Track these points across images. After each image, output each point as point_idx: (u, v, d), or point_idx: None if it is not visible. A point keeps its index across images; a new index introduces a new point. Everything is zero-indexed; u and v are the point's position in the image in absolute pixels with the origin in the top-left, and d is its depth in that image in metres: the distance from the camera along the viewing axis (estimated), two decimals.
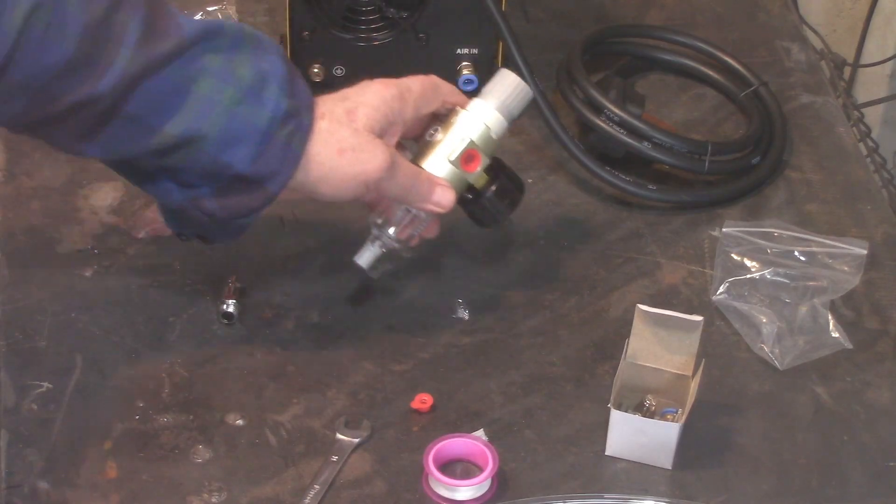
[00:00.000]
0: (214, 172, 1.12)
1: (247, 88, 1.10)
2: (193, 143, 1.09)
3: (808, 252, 1.28)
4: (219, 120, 1.09)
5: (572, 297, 1.28)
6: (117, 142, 1.09)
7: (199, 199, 1.13)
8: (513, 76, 1.24)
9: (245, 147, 1.10)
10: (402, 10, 1.41)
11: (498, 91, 1.23)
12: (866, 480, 1.14)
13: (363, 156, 1.14)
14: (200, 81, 1.08)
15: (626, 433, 1.13)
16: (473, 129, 1.21)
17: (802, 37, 1.63)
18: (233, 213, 1.14)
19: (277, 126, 1.10)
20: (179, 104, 1.08)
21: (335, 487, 1.11)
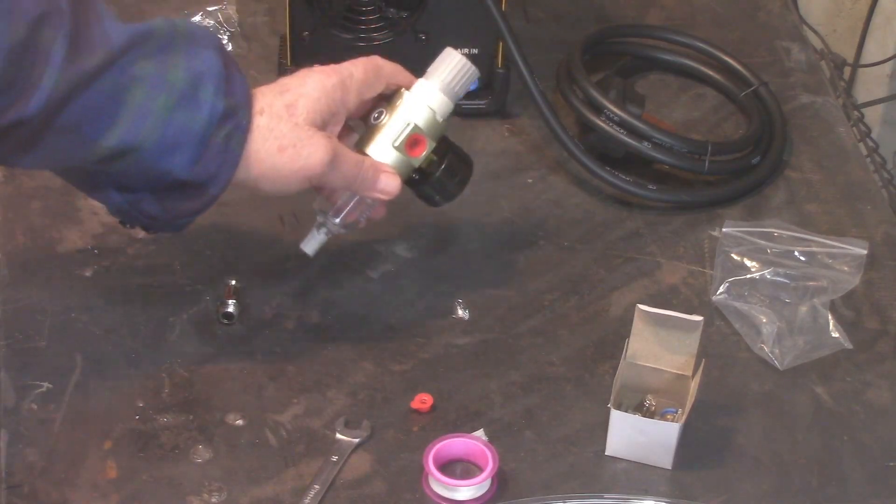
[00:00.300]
0: (154, 179, 1.11)
1: (181, 93, 1.08)
2: (130, 153, 1.08)
3: (808, 252, 1.28)
4: (155, 128, 1.08)
5: (572, 297, 1.28)
6: (54, 154, 1.08)
7: (141, 203, 1.13)
8: (457, 55, 1.22)
9: (183, 153, 1.09)
10: (402, 10, 1.41)
11: (441, 71, 1.22)
12: (866, 480, 1.14)
13: (304, 151, 1.13)
14: (133, 90, 1.06)
15: (626, 433, 1.13)
16: (418, 114, 1.20)
17: (802, 37, 1.63)
18: (175, 215, 1.14)
19: (214, 128, 1.09)
20: (113, 115, 1.06)
21: (335, 487, 1.11)
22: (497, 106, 1.46)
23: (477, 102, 1.46)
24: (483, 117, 1.47)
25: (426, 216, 1.34)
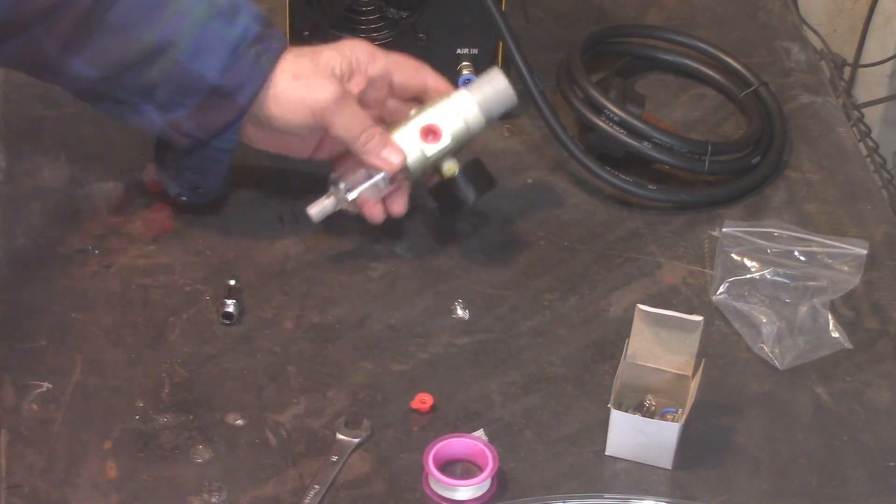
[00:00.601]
0: (188, 85, 1.21)
1: (220, 8, 1.21)
2: (167, 51, 1.20)
3: (808, 252, 1.28)
4: (192, 30, 1.20)
5: (572, 297, 1.28)
6: (99, 53, 1.19)
7: (178, 121, 1.23)
8: (502, 79, 1.27)
9: (215, 57, 1.20)
10: (402, 10, 1.41)
11: (485, 89, 1.26)
12: (866, 480, 1.14)
13: (314, 84, 1.22)
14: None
15: (626, 433, 1.13)
16: (445, 112, 1.25)
17: (802, 37, 1.63)
18: (209, 130, 1.23)
19: (248, 44, 1.21)
20: (156, 16, 1.19)
21: (335, 487, 1.11)
22: None
23: None
24: None
25: (426, 217, 1.34)
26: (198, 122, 1.22)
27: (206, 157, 1.26)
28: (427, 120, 1.25)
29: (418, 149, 1.24)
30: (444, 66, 1.43)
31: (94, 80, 1.21)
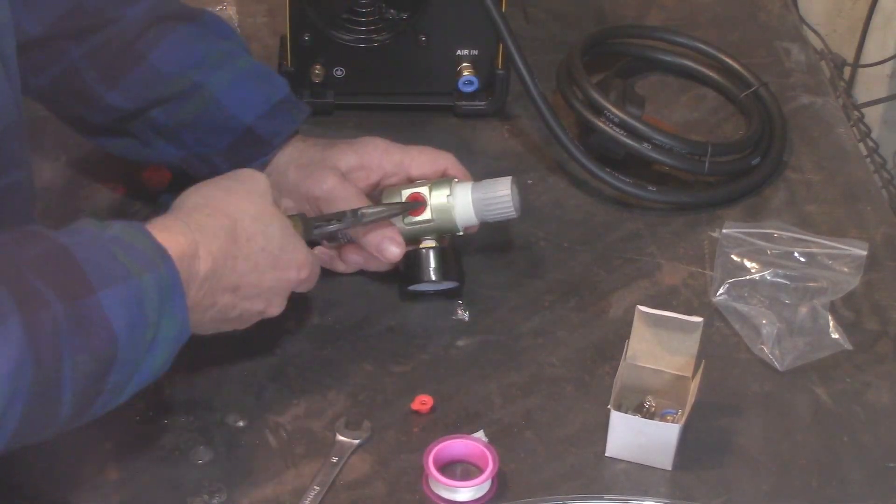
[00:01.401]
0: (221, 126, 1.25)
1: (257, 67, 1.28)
2: (204, 89, 1.23)
3: (807, 253, 1.28)
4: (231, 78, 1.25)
5: (572, 298, 1.28)
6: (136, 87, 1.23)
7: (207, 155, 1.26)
8: (506, 189, 1.24)
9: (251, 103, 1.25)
10: (402, 11, 1.41)
11: (487, 188, 1.24)
12: (866, 480, 1.14)
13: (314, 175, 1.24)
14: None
15: (626, 434, 1.13)
16: (439, 191, 1.23)
17: (802, 37, 1.63)
18: (237, 164, 1.22)
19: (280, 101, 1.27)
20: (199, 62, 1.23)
21: (335, 488, 1.11)
22: (497, 107, 1.47)
23: (477, 103, 1.46)
24: (483, 118, 1.47)
25: None
26: (227, 157, 1.25)
27: None
28: (418, 189, 1.24)
29: (400, 218, 1.24)
30: (444, 66, 1.44)
31: (126, 113, 1.24)
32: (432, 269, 1.25)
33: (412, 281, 1.25)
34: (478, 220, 1.25)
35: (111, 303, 0.97)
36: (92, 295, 0.96)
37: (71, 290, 0.96)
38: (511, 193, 1.23)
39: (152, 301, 0.99)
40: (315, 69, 1.43)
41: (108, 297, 0.97)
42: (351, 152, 1.26)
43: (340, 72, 1.44)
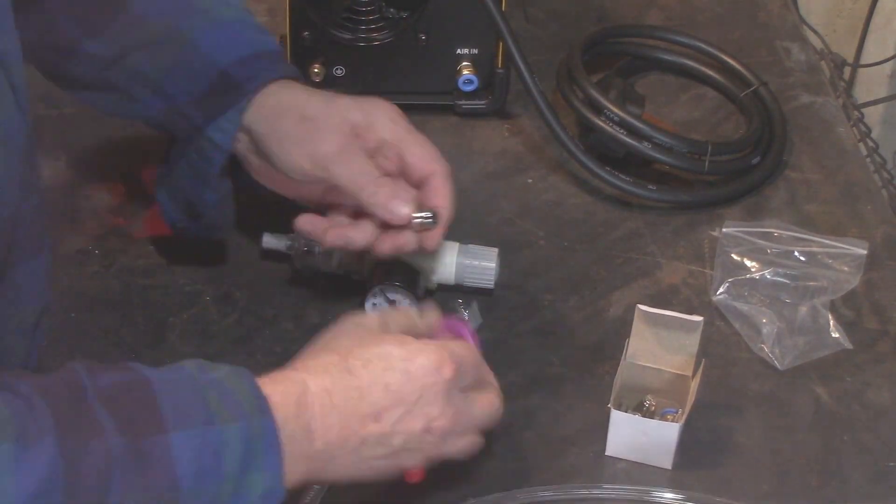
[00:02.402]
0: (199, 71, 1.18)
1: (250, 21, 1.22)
2: (184, 35, 1.18)
3: (808, 252, 1.28)
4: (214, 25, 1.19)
5: (572, 297, 1.28)
6: (117, 34, 1.18)
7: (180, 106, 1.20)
8: (493, 263, 1.25)
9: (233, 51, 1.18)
10: (402, 11, 1.41)
11: (473, 257, 1.25)
12: (866, 480, 1.14)
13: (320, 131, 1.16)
14: None
15: (626, 433, 1.13)
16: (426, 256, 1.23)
17: (802, 37, 1.63)
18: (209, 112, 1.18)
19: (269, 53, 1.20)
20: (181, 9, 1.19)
21: (335, 487, 1.11)
22: (497, 106, 1.46)
23: (477, 102, 1.46)
24: (483, 117, 1.47)
25: None
26: (199, 105, 1.18)
27: (200, 153, 1.20)
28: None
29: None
30: (444, 66, 1.44)
31: (107, 61, 1.19)
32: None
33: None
34: (454, 281, 1.26)
35: (182, 445, 0.90)
36: (161, 434, 0.90)
37: (138, 425, 0.89)
38: (496, 267, 1.25)
39: (234, 452, 0.91)
40: (315, 68, 1.43)
41: (180, 439, 0.90)
42: (357, 110, 1.18)
43: (340, 71, 1.44)
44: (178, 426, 0.90)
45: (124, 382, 0.91)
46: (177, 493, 0.90)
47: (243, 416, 0.93)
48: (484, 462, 1.13)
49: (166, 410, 0.91)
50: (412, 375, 1.00)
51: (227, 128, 1.18)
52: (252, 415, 0.93)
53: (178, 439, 0.90)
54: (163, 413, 0.90)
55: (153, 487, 0.89)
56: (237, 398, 0.93)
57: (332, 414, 0.97)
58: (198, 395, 0.92)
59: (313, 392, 0.97)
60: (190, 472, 0.90)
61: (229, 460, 0.91)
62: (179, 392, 0.92)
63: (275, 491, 0.94)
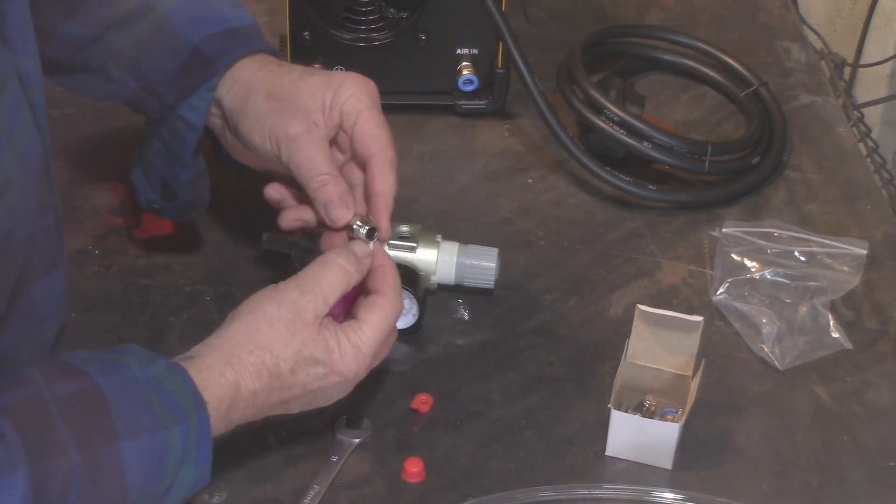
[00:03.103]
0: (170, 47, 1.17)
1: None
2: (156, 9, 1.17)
3: (808, 252, 1.28)
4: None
5: (572, 298, 1.28)
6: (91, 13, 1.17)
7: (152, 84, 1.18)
8: (493, 263, 1.25)
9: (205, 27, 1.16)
10: (402, 10, 1.41)
11: (473, 257, 1.25)
12: (866, 480, 1.14)
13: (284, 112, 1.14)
14: None
15: (627, 433, 1.13)
16: (426, 242, 1.24)
17: (802, 37, 1.63)
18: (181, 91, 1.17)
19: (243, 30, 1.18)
20: None
21: (335, 487, 1.11)
22: (497, 106, 1.46)
23: (477, 102, 1.46)
24: (483, 117, 1.47)
25: (426, 216, 1.34)
26: (171, 83, 1.17)
27: (173, 132, 1.18)
28: (404, 229, 1.24)
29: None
30: (444, 66, 1.44)
31: (83, 42, 1.18)
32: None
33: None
34: (454, 281, 1.26)
35: (132, 455, 0.94)
36: (114, 444, 0.93)
37: (93, 436, 0.93)
38: (496, 267, 1.25)
39: (175, 454, 0.97)
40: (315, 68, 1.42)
41: (130, 449, 0.94)
42: (327, 87, 1.15)
43: (341, 70, 1.43)
44: (128, 435, 0.94)
45: (80, 392, 0.94)
46: (125, 500, 0.94)
47: (183, 417, 0.97)
48: (484, 462, 1.13)
49: (118, 419, 0.94)
50: (328, 381, 1.06)
51: (199, 106, 1.17)
52: (190, 415, 0.98)
53: (128, 449, 0.94)
54: (115, 422, 0.94)
55: (105, 497, 0.93)
56: (176, 398, 0.98)
57: (252, 408, 1.03)
58: (143, 399, 0.96)
59: (243, 396, 1.02)
60: (138, 479, 0.94)
61: (171, 462, 0.96)
62: (127, 398, 0.96)
63: (203, 478, 0.99)
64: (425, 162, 1.42)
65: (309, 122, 1.14)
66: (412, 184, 1.39)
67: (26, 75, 0.97)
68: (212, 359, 1.02)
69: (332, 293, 1.07)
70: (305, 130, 1.13)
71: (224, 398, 1.01)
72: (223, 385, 1.01)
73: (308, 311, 1.05)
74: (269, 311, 1.05)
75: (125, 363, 0.98)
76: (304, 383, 1.05)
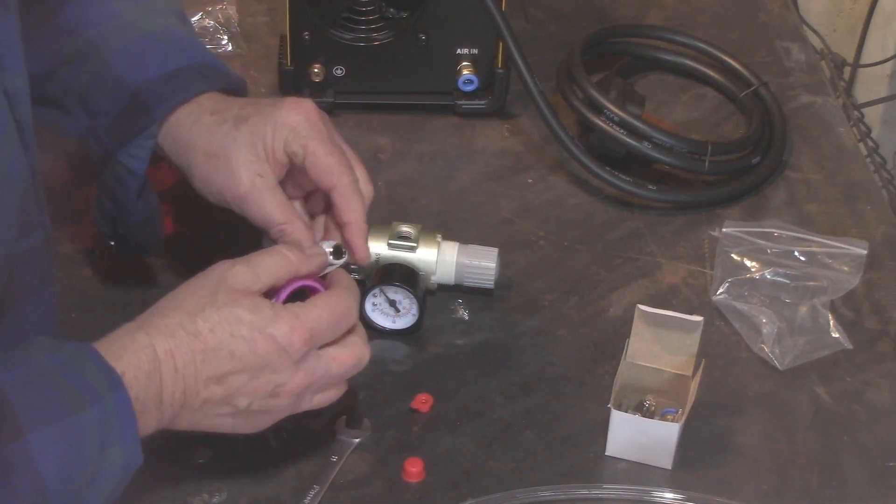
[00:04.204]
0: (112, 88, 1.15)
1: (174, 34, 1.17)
2: (100, 51, 1.15)
3: (808, 252, 1.28)
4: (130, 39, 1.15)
5: (572, 297, 1.28)
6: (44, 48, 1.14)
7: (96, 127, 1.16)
8: (493, 262, 1.25)
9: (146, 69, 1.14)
10: (402, 10, 1.41)
11: (473, 257, 1.25)
12: (866, 480, 1.14)
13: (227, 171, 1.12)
14: None
15: (627, 433, 1.13)
16: (427, 242, 1.24)
17: (802, 37, 1.63)
18: (119, 139, 1.15)
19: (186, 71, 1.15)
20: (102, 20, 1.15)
21: (335, 487, 1.11)
22: (497, 106, 1.46)
23: (477, 102, 1.46)
24: (483, 117, 1.47)
25: (426, 216, 1.34)
26: (112, 129, 1.15)
27: (116, 177, 1.17)
28: (404, 230, 1.24)
29: (380, 249, 1.23)
30: (444, 66, 1.44)
31: (36, 76, 1.13)
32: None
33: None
34: (454, 281, 1.25)
35: (42, 446, 0.90)
36: (20, 439, 0.90)
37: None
38: (496, 267, 1.25)
39: (93, 438, 0.93)
40: (315, 68, 1.43)
41: (39, 441, 0.90)
42: (267, 126, 1.11)
43: (340, 71, 1.44)
44: (35, 427, 0.91)
45: None
46: (44, 493, 0.91)
47: (96, 398, 0.93)
48: (484, 462, 1.13)
49: (22, 412, 0.91)
50: (258, 346, 1.00)
51: (139, 154, 1.15)
52: (104, 394, 0.94)
53: (37, 441, 0.91)
54: (19, 416, 0.91)
55: (21, 493, 0.90)
56: (87, 379, 0.94)
57: (177, 379, 0.98)
58: (49, 388, 0.93)
59: (160, 358, 0.98)
60: (54, 469, 0.91)
61: (89, 448, 0.93)
62: (31, 389, 0.93)
63: (133, 460, 0.96)
64: (425, 162, 1.42)
65: (252, 175, 1.11)
66: (412, 184, 1.39)
67: (14, 94, 0.97)
68: (124, 329, 0.99)
69: (267, 272, 1.03)
70: (251, 188, 1.11)
71: (140, 364, 0.96)
72: (136, 350, 0.97)
73: (236, 279, 1.02)
74: (194, 280, 1.03)
75: (28, 355, 0.95)
76: (230, 348, 0.99)
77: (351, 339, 1.06)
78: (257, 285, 1.02)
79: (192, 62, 1.16)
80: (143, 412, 0.97)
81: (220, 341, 1.00)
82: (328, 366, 1.04)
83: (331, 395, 1.06)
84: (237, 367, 1.00)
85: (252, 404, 1.02)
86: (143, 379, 0.97)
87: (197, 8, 1.54)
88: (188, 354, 0.99)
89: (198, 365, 0.99)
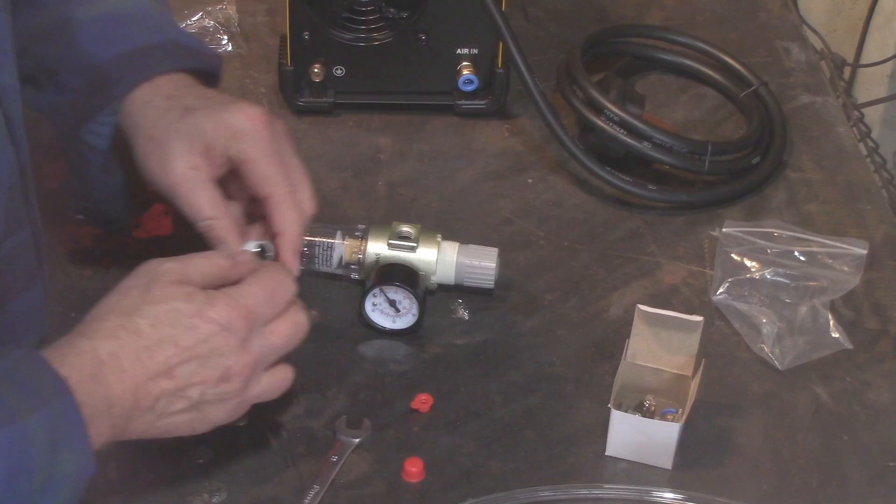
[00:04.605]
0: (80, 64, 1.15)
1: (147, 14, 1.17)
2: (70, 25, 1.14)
3: (808, 252, 1.28)
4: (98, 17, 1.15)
5: (572, 298, 1.28)
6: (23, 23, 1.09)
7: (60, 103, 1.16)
8: (493, 262, 1.24)
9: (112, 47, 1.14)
10: (402, 10, 1.41)
11: (473, 257, 1.25)
12: (866, 480, 1.14)
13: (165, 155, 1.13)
14: None
15: (627, 433, 1.13)
16: (427, 242, 1.24)
17: (802, 37, 1.63)
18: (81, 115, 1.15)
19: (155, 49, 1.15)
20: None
21: (335, 487, 1.11)
22: (497, 106, 1.46)
23: (477, 102, 1.46)
24: (483, 117, 1.47)
25: (426, 216, 1.34)
26: (75, 105, 1.15)
27: (78, 153, 1.17)
28: (404, 230, 1.24)
29: (380, 249, 1.23)
30: (444, 66, 1.44)
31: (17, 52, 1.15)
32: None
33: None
34: (454, 281, 1.25)
35: None
36: None
37: None
38: (496, 267, 1.25)
39: (41, 444, 0.91)
40: (315, 68, 1.43)
41: None
42: (212, 123, 1.12)
43: (340, 71, 1.44)
44: None
45: None
46: None
47: (42, 403, 0.92)
48: (484, 462, 1.13)
49: None
50: (200, 331, 1.00)
51: (101, 131, 1.16)
52: (51, 400, 0.93)
53: None
54: None
55: None
56: (32, 385, 0.93)
57: (125, 378, 0.97)
58: None
59: (104, 360, 0.97)
60: (1, 474, 0.90)
61: (37, 453, 0.92)
62: None
63: (86, 466, 0.95)
64: (425, 162, 1.42)
65: (185, 167, 1.12)
66: (412, 184, 1.39)
67: (3, 89, 0.97)
68: (67, 337, 0.98)
69: (195, 270, 1.03)
70: (182, 178, 1.12)
71: (83, 368, 0.95)
72: (78, 355, 0.96)
73: (166, 276, 1.02)
74: (126, 282, 1.02)
75: None
76: (174, 339, 0.99)
77: (288, 310, 1.07)
78: (187, 282, 1.03)
79: (159, 39, 1.16)
80: (94, 418, 0.96)
81: (162, 335, 0.99)
82: (267, 339, 1.05)
83: (280, 375, 1.07)
84: (184, 356, 1.00)
85: (205, 394, 1.02)
86: (88, 383, 0.96)
87: (197, 8, 1.55)
88: (133, 353, 0.98)
89: (144, 362, 0.99)
